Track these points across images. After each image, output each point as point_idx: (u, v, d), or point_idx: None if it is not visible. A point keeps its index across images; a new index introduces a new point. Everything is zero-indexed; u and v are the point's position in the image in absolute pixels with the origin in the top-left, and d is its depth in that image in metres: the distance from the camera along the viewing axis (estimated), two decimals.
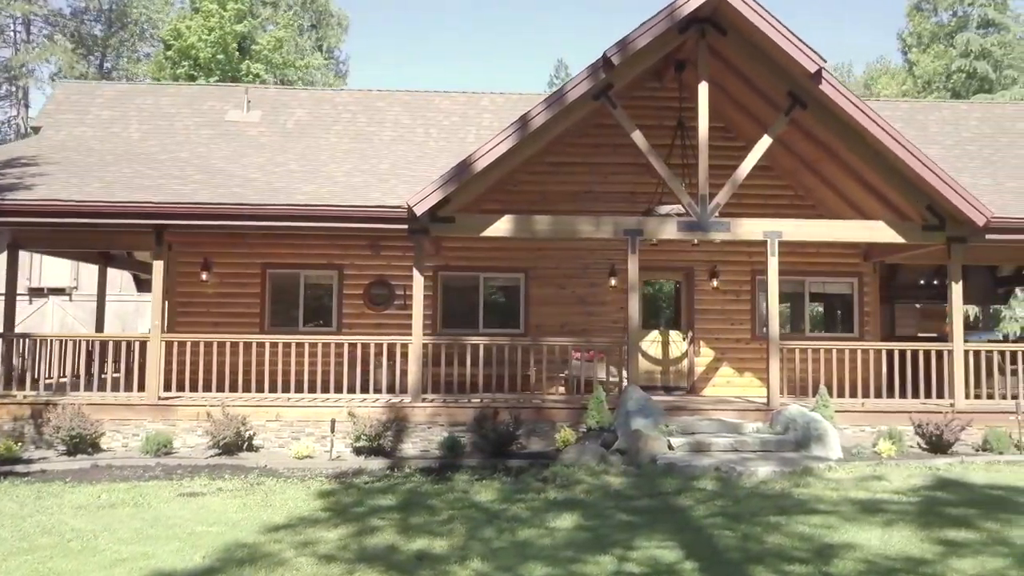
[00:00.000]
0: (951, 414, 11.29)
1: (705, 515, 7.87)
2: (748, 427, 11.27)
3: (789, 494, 8.66)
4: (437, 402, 11.64)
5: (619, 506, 8.32)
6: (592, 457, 10.20)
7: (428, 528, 7.55)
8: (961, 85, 26.91)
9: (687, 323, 14.82)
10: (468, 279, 14.63)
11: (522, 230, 11.88)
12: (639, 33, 11.06)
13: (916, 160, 11.37)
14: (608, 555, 6.56)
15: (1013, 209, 12.32)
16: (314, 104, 17.56)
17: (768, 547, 6.70)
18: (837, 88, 11.40)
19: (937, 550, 6.55)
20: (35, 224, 11.58)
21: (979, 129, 17.74)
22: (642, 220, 11.96)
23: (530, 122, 11.13)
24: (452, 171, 11.10)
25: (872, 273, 14.95)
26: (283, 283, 14.49)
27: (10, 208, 11.13)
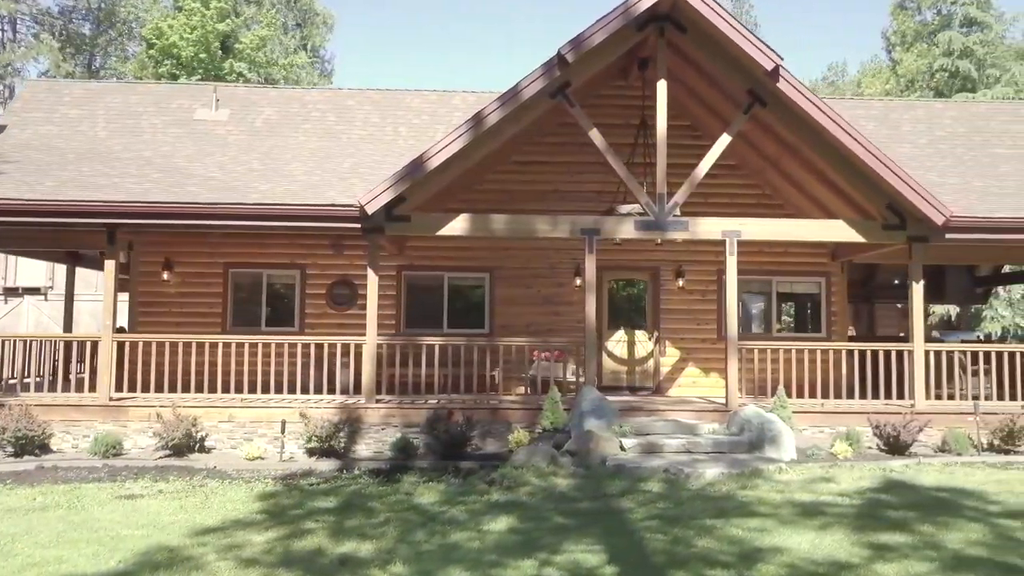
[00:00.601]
0: (910, 415, 11.18)
1: (643, 518, 7.77)
2: (704, 428, 11.17)
3: (732, 496, 8.55)
4: (391, 403, 11.54)
5: (559, 508, 8.22)
6: (542, 458, 10.09)
7: (361, 531, 7.45)
8: (944, 84, 26.80)
9: (653, 323, 14.71)
10: (432, 279, 14.53)
11: (479, 229, 11.77)
12: (594, 30, 10.96)
13: (875, 159, 11.26)
14: (532, 559, 6.46)
15: (976, 208, 12.22)
16: (284, 103, 17.45)
17: (695, 551, 6.60)
18: (795, 86, 11.29)
19: (865, 554, 6.45)
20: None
21: (953, 128, 17.65)
22: (599, 219, 11.86)
23: (484, 120, 11.02)
24: (404, 169, 11.00)
25: (840, 273, 14.84)
26: (245, 283, 14.39)
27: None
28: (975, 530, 7.08)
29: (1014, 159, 16.20)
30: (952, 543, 6.72)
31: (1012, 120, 17.92)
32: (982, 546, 6.63)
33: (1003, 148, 17.00)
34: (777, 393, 11.50)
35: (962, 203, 12.48)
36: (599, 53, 11.50)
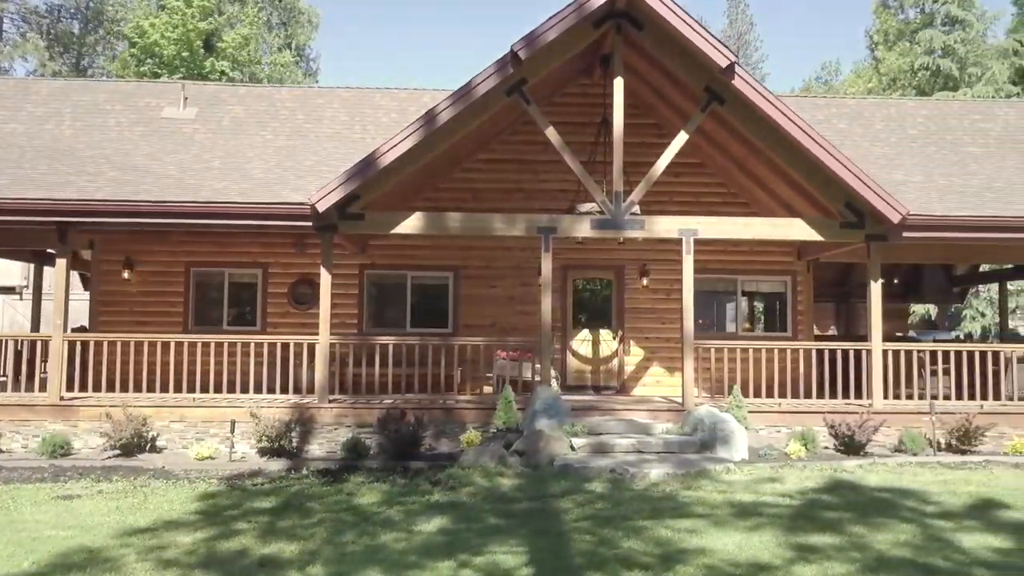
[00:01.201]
0: (866, 415, 11.11)
1: (577, 518, 7.69)
2: (657, 428, 11.09)
3: (673, 497, 8.47)
4: (344, 403, 11.47)
5: (496, 509, 8.14)
6: (490, 458, 10.01)
7: (292, 532, 7.38)
8: (926, 83, 26.71)
9: (618, 322, 14.64)
10: (395, 278, 14.45)
11: (434, 227, 11.70)
12: (547, 27, 10.88)
13: (831, 157, 11.19)
14: (452, 560, 6.39)
15: (937, 207, 12.15)
16: (253, 101, 17.36)
17: (618, 552, 6.52)
18: (750, 83, 11.22)
19: (788, 555, 6.38)
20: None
21: (925, 126, 17.58)
22: (555, 218, 11.78)
23: (436, 118, 10.94)
24: (355, 167, 10.92)
25: (806, 272, 14.77)
26: (207, 281, 14.31)
27: None
28: (906, 531, 7.01)
29: (983, 158, 16.14)
30: (879, 544, 6.65)
31: (984, 119, 17.86)
32: (908, 547, 6.56)
33: (974, 147, 16.94)
34: (733, 393, 11.44)
35: (921, 201, 12.42)
36: (555, 50, 11.41)
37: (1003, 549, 6.47)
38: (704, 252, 14.45)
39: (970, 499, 8.20)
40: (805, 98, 19.19)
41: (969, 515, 7.56)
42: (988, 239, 11.79)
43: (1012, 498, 8.21)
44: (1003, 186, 13.68)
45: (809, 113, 17.70)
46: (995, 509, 7.80)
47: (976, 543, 6.62)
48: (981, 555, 6.33)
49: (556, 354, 14.50)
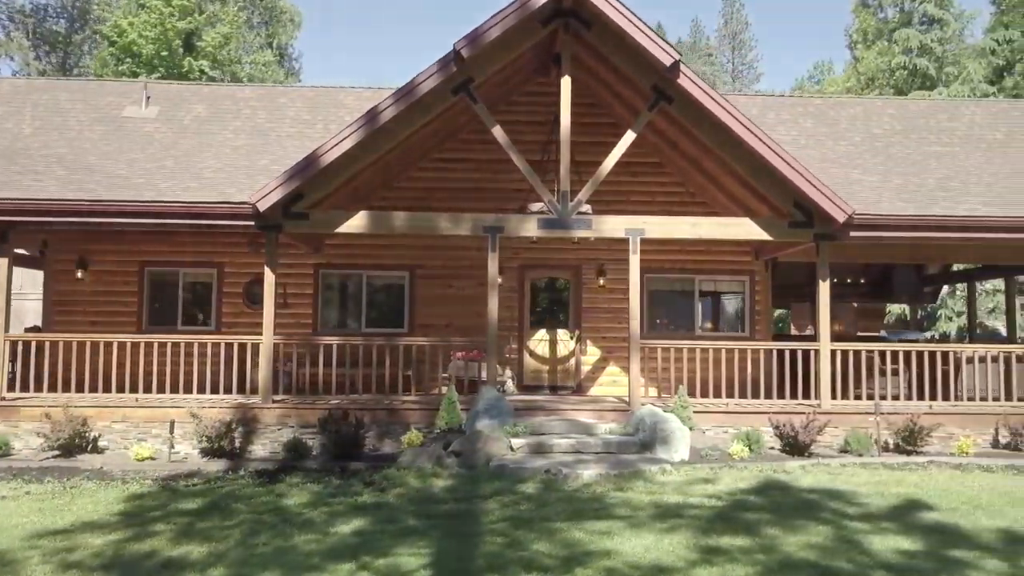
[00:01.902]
0: (812, 415, 11.05)
1: (497, 520, 7.62)
2: (601, 428, 11.04)
3: (600, 498, 8.41)
4: (288, 403, 11.41)
5: (420, 511, 8.08)
6: (428, 459, 9.95)
7: (208, 534, 7.32)
8: (904, 82, 26.65)
9: (575, 322, 14.59)
10: (351, 277, 14.40)
11: (378, 226, 11.66)
12: (489, 25, 10.82)
13: (777, 156, 11.14)
14: (353, 562, 6.34)
15: (886, 206, 12.09)
16: (215, 100, 17.30)
17: (524, 555, 6.46)
18: (695, 82, 11.17)
19: (693, 558, 6.31)
20: None
21: (891, 126, 17.53)
22: (501, 217, 11.72)
23: (378, 116, 10.88)
24: (296, 166, 10.86)
25: (764, 272, 14.71)
26: (161, 281, 14.25)
27: None
28: (820, 533, 6.95)
29: (946, 157, 16.09)
30: (788, 547, 6.59)
31: (950, 118, 17.81)
32: (816, 550, 6.50)
33: (939, 146, 16.88)
34: (678, 392, 11.39)
35: (873, 200, 12.37)
36: (502, 49, 11.36)
37: (909, 551, 6.41)
38: (661, 252, 14.49)
39: (897, 500, 8.14)
40: (772, 97, 19.14)
41: (890, 517, 7.50)
42: (934, 238, 11.73)
43: (939, 499, 8.15)
44: (958, 186, 13.63)
45: (775, 112, 17.73)
46: (918, 511, 7.73)
47: (885, 545, 6.56)
48: (886, 557, 6.27)
49: (513, 354, 14.48)
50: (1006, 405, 11.89)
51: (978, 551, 6.40)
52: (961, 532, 6.96)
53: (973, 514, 7.55)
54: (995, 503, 8.00)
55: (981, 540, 6.71)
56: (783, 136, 17.00)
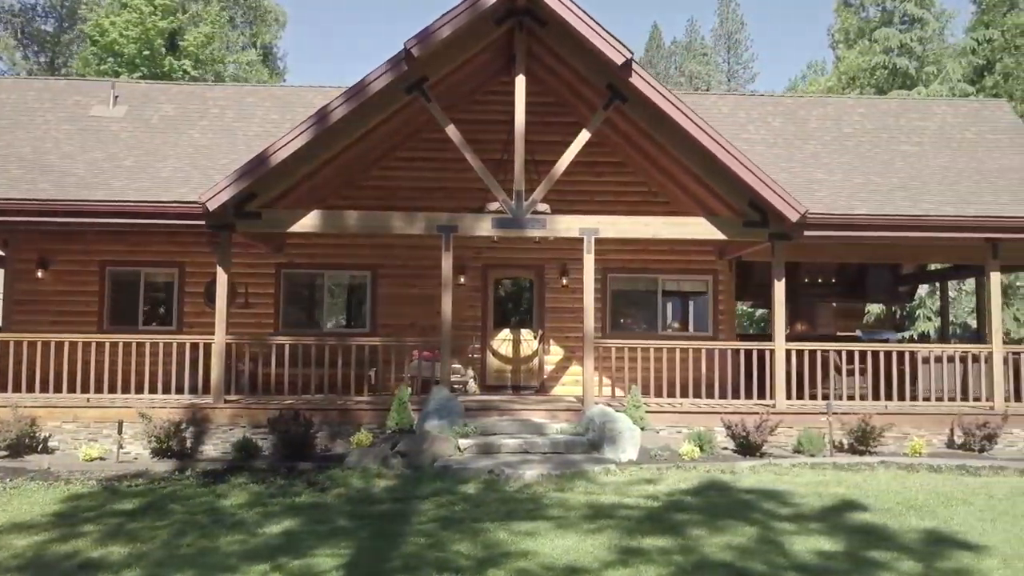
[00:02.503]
0: (765, 415, 11.02)
1: (427, 520, 7.59)
2: (552, 427, 11.00)
3: (537, 498, 8.37)
4: (240, 403, 11.37)
5: (354, 511, 8.04)
6: (374, 460, 9.92)
7: (135, 534, 7.31)
8: (885, 81, 26.61)
9: (538, 321, 14.55)
10: (313, 277, 14.36)
11: (331, 225, 11.63)
12: (439, 25, 10.77)
13: (730, 156, 11.11)
14: (267, 564, 6.31)
15: (843, 205, 12.05)
16: (184, 99, 17.25)
17: (442, 556, 6.43)
18: (647, 81, 11.14)
19: (610, 559, 6.28)
20: None
21: (861, 125, 17.49)
22: (455, 216, 11.68)
23: (329, 115, 10.85)
24: (247, 165, 10.83)
25: (728, 271, 14.68)
26: (123, 281, 14.20)
27: None
28: (745, 534, 6.92)
29: (913, 156, 16.06)
30: (710, 547, 6.56)
31: (921, 118, 17.77)
32: (736, 551, 6.47)
33: (908, 145, 16.85)
34: (630, 392, 11.36)
35: (830, 199, 12.34)
36: (455, 47, 11.33)
37: (828, 552, 6.38)
38: (625, 252, 14.48)
39: (832, 501, 8.11)
40: (743, 96, 19.09)
41: (820, 518, 7.47)
42: (887, 237, 11.70)
43: (875, 500, 8.12)
44: (919, 185, 13.60)
45: (745, 112, 17.70)
46: (851, 511, 7.70)
47: (806, 546, 6.53)
48: (803, 559, 6.24)
49: (476, 354, 14.45)
50: (963, 405, 11.85)
51: (897, 552, 6.37)
52: (886, 533, 6.93)
53: (904, 515, 7.52)
54: (930, 503, 7.97)
55: (903, 541, 6.68)
56: (752, 135, 17.00)
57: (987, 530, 6.97)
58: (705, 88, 63.49)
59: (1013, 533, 6.85)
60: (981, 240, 11.97)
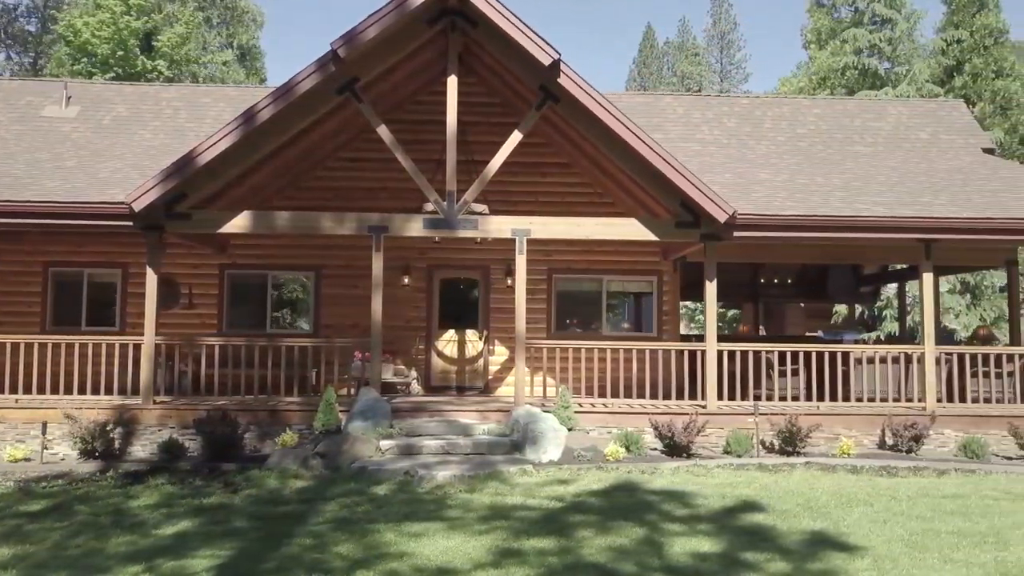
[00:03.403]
0: (694, 416, 11.01)
1: (322, 522, 7.59)
2: (480, 428, 10.99)
3: (442, 499, 8.37)
4: (169, 404, 11.36)
5: (256, 512, 8.05)
6: (294, 461, 9.91)
7: (29, 535, 7.34)
8: (855, 82, 26.60)
9: (484, 322, 14.54)
10: (256, 278, 14.34)
11: (261, 226, 11.63)
12: (366, 25, 10.77)
13: (658, 157, 11.11)
14: (141, 565, 6.31)
15: (777, 206, 12.03)
16: (137, 99, 17.24)
17: (320, 557, 6.44)
18: (575, 82, 11.13)
19: (485, 560, 6.28)
20: None
21: (816, 125, 17.51)
22: (386, 217, 11.67)
23: (256, 116, 10.83)
24: (172, 166, 10.82)
25: (672, 272, 14.66)
26: (66, 281, 14.17)
27: None
28: (632, 535, 6.91)
29: (865, 157, 16.07)
30: (589, 549, 6.55)
31: (876, 118, 17.79)
32: (615, 552, 6.47)
33: (862, 146, 16.87)
34: (559, 392, 11.36)
35: (767, 200, 12.32)
36: (388, 48, 11.33)
37: (704, 554, 6.37)
38: (570, 252, 14.48)
39: (735, 502, 8.10)
40: (699, 97, 19.07)
41: (714, 519, 7.46)
42: (819, 238, 11.68)
43: (778, 501, 8.10)
44: (861, 186, 13.59)
45: (701, 112, 17.72)
46: (747, 512, 7.69)
47: (686, 548, 6.53)
48: (677, 560, 6.24)
49: (420, 355, 14.43)
50: (896, 406, 11.84)
51: (773, 553, 6.36)
52: (772, 534, 6.92)
53: (799, 516, 7.51)
54: (831, 505, 7.96)
55: (785, 542, 6.68)
56: (706, 136, 17.02)
57: (874, 531, 6.96)
58: (697, 89, 63.50)
59: (897, 535, 6.85)
60: (914, 241, 11.96)
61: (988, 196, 12.96)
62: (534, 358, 13.65)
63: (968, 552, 6.35)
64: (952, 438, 11.59)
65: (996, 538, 6.75)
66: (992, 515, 7.57)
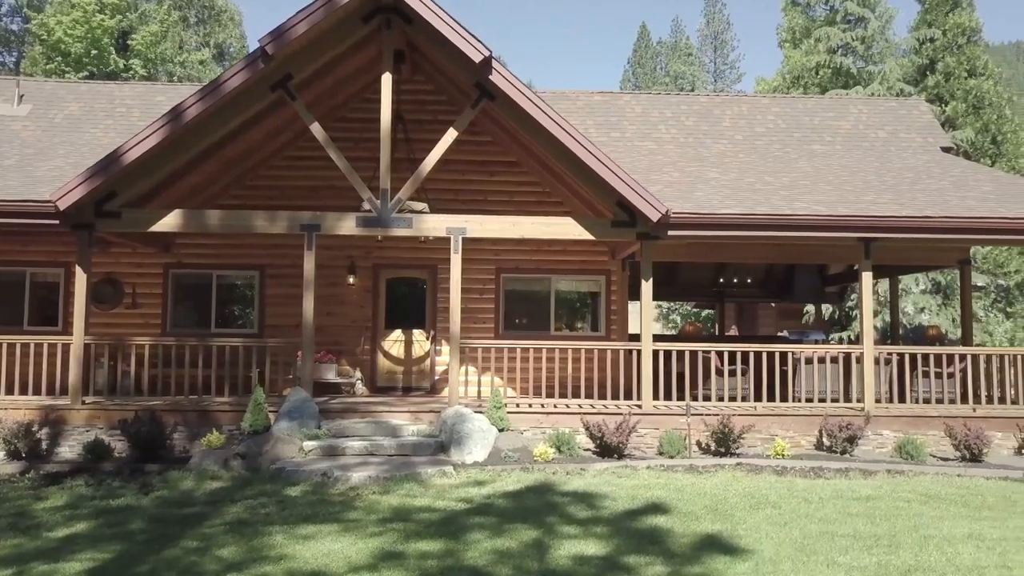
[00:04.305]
0: (627, 416, 10.91)
1: (219, 523, 7.47)
2: (409, 429, 10.88)
3: (350, 502, 8.26)
4: (100, 404, 11.25)
5: (159, 514, 7.93)
6: (216, 461, 9.80)
7: None
8: (828, 80, 26.48)
9: (431, 322, 14.42)
10: (201, 277, 14.21)
11: (193, 225, 11.51)
12: (294, 22, 10.65)
13: (592, 156, 11.01)
14: (12, 569, 6.20)
15: (714, 205, 11.90)
16: (91, 97, 17.11)
17: (196, 561, 6.33)
18: (508, 79, 11.03)
19: (364, 563, 6.19)
20: None
21: (775, 124, 17.40)
22: (318, 215, 11.56)
23: (183, 113, 10.72)
24: (97, 165, 10.70)
25: (620, 271, 14.54)
26: (9, 281, 14.04)
27: None
28: (523, 538, 6.80)
29: (820, 156, 15.96)
30: (475, 552, 6.45)
31: (836, 116, 17.67)
32: (498, 555, 6.36)
33: (820, 144, 16.76)
34: (492, 392, 11.24)
35: (705, 199, 12.20)
36: (322, 45, 11.22)
37: (587, 557, 6.26)
38: (518, 252, 14.39)
39: (642, 504, 8.00)
40: (658, 96, 18.92)
41: (615, 521, 7.36)
42: (756, 236, 11.56)
43: (687, 503, 8.00)
44: (808, 184, 13.49)
45: (659, 111, 17.61)
46: (651, 514, 7.58)
47: (571, 551, 6.42)
48: (558, 564, 6.13)
49: (366, 355, 14.32)
50: (838, 407, 11.73)
51: (657, 556, 6.26)
52: (664, 537, 6.81)
53: (701, 519, 7.41)
54: (738, 507, 7.86)
55: (673, 545, 6.57)
56: (663, 134, 16.91)
57: (770, 534, 6.85)
58: (690, 88, 63.37)
59: (792, 538, 6.74)
60: (854, 240, 11.86)
61: (933, 195, 12.86)
62: (481, 358, 13.60)
63: (855, 555, 6.25)
64: (891, 439, 11.49)
65: (890, 541, 6.64)
66: (898, 518, 7.46)
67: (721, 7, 75.21)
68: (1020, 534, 6.94)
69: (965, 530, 7.02)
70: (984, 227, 11.65)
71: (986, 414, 11.63)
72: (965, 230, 11.64)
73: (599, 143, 16.07)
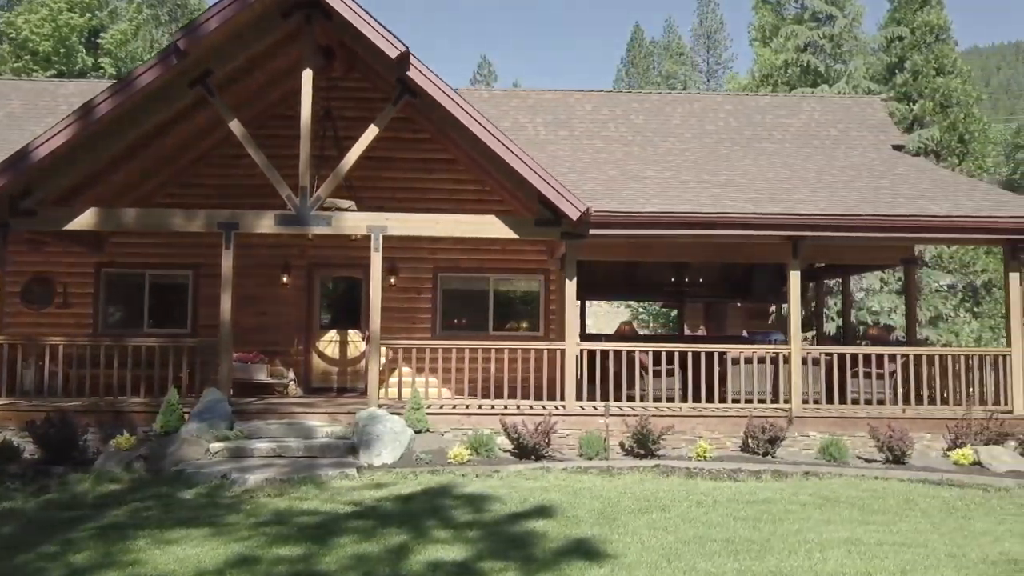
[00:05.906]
0: (548, 417, 10.75)
1: (91, 528, 7.30)
2: (323, 431, 10.73)
3: (237, 504, 8.11)
4: (10, 405, 11.09)
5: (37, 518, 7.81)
6: (118, 463, 9.65)
7: None
8: (797, 79, 26.33)
9: (366, 322, 14.23)
10: (134, 276, 14.06)
11: (109, 223, 11.37)
12: (206, 17, 10.53)
13: (510, 153, 10.88)
14: None
15: (640, 203, 11.75)
16: (35, 95, 16.98)
17: (42, 566, 6.16)
18: (425, 75, 10.89)
19: (212, 568, 6.01)
20: None
21: (726, 122, 17.26)
22: (236, 213, 11.41)
23: (94, 110, 10.57)
24: (4, 162, 10.55)
25: (559, 271, 14.34)
26: None
27: None
28: (388, 542, 6.63)
29: (767, 154, 15.82)
30: (332, 557, 6.28)
31: (788, 114, 17.54)
32: (353, 559, 6.21)
33: (769, 143, 16.62)
34: (412, 393, 11.09)
35: (634, 198, 12.05)
36: (242, 41, 11.09)
37: (443, 562, 6.10)
38: (457, 251, 14.25)
39: (530, 507, 7.83)
40: (609, 93, 18.77)
41: (492, 524, 7.20)
42: (680, 235, 11.40)
43: (575, 507, 7.82)
44: (744, 182, 13.34)
45: (609, 108, 17.47)
46: (533, 518, 7.40)
47: (429, 556, 6.25)
48: (409, 570, 5.97)
49: (300, 355, 14.17)
50: (763, 408, 11.58)
51: (515, 562, 6.09)
52: (534, 541, 6.65)
53: (582, 522, 7.24)
54: (627, 510, 7.70)
55: (540, 550, 6.41)
56: (611, 133, 16.76)
57: (643, 539, 6.69)
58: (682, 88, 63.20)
59: (664, 543, 6.58)
60: (781, 238, 11.71)
61: (868, 193, 12.72)
62: (416, 359, 13.43)
63: (718, 561, 6.09)
64: (817, 440, 11.32)
65: (761, 547, 6.48)
66: (783, 522, 7.31)
67: (714, 7, 75.02)
68: (901, 539, 6.78)
69: (846, 535, 6.86)
70: (914, 225, 11.49)
71: (915, 415, 11.47)
72: (894, 228, 11.49)
73: (547, 141, 16.05)
